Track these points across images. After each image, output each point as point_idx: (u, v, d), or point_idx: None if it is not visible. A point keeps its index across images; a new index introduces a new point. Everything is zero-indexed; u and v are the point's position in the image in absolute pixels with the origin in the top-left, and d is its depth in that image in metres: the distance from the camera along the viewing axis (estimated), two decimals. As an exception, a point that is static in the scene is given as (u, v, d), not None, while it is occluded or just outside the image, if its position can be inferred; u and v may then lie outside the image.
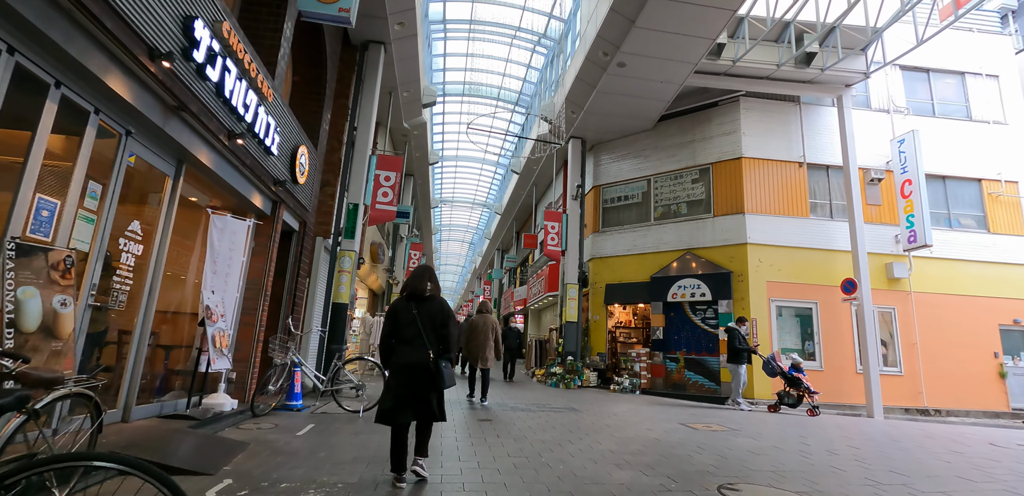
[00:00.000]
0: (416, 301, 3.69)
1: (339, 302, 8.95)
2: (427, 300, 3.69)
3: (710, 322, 11.34)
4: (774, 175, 11.64)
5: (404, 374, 3.52)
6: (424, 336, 3.56)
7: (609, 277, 13.20)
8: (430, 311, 3.65)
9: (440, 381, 3.52)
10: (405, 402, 3.49)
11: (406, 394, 3.49)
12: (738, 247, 11.21)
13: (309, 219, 8.51)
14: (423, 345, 3.54)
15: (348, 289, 9.04)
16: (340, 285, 9.01)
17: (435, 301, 3.72)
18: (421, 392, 3.51)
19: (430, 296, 3.72)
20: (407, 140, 16.60)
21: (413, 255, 19.05)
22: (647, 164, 13.21)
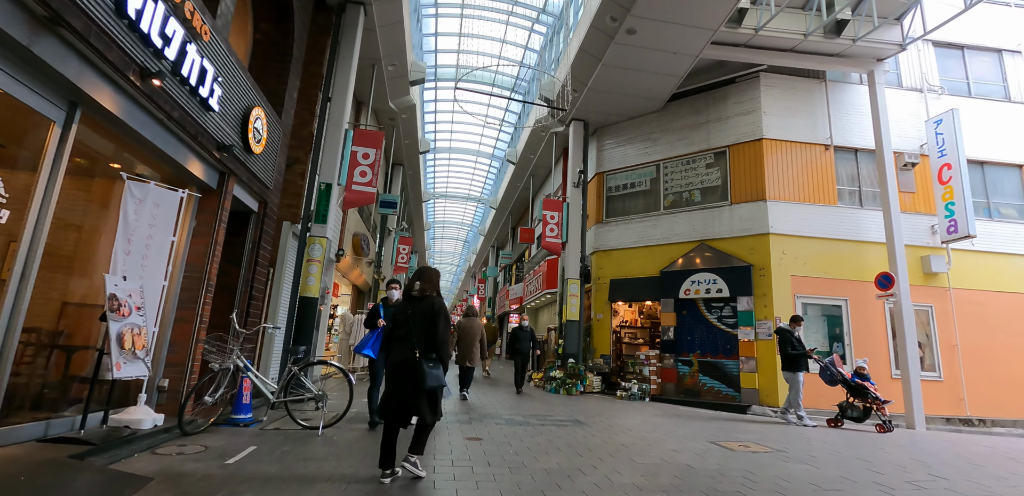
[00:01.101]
0: (411, 301, 3.82)
1: (307, 296, 7.75)
2: (420, 300, 3.80)
3: (728, 321, 10.20)
4: (798, 158, 10.51)
5: (393, 372, 3.67)
6: (414, 335, 3.68)
7: (614, 272, 12.04)
8: (421, 311, 3.75)
9: (422, 379, 3.53)
10: (394, 400, 3.62)
11: (394, 392, 3.62)
12: (759, 238, 10.07)
13: (271, 199, 7.30)
14: (411, 344, 3.66)
15: (318, 281, 7.83)
16: (309, 276, 7.80)
17: (426, 301, 3.79)
18: (407, 390, 3.59)
19: (423, 296, 3.82)
20: (395, 124, 15.39)
21: (402, 250, 17.84)
22: (656, 148, 12.06)
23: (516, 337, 10.81)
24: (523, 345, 10.69)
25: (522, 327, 10.91)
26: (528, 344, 10.74)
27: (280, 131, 7.28)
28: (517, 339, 10.75)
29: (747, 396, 9.54)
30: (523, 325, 10.96)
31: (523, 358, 10.67)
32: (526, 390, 10.76)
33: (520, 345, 10.67)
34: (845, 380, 7.37)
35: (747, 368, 9.66)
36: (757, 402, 9.39)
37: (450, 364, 4.32)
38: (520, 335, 10.78)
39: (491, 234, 29.10)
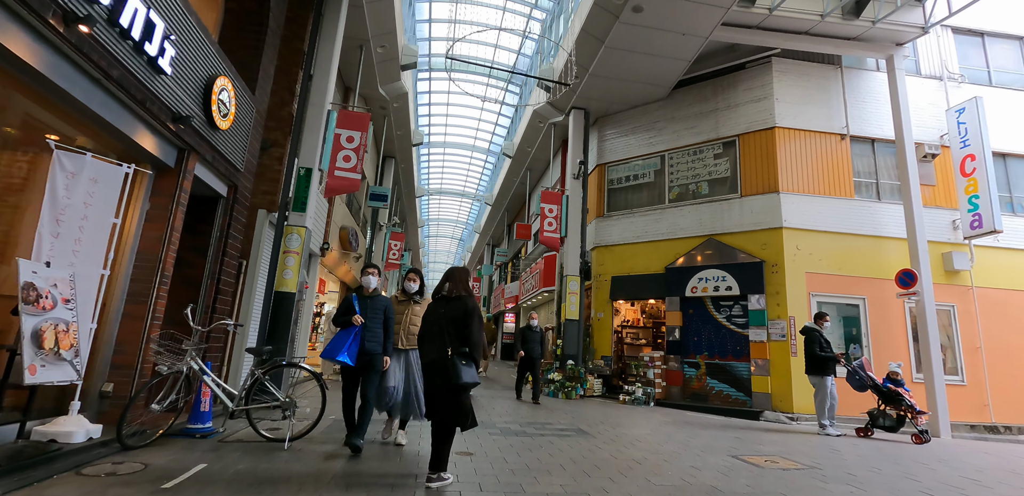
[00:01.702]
0: (442, 301, 3.82)
1: (283, 291, 7.06)
2: (452, 300, 3.79)
3: (738, 321, 9.57)
4: (812, 148, 9.90)
5: (427, 371, 3.66)
6: (445, 335, 3.65)
7: (615, 268, 11.40)
8: (453, 311, 3.73)
9: (454, 377, 3.49)
10: (431, 399, 3.64)
11: (432, 391, 3.64)
12: (771, 232, 9.45)
13: (243, 183, 6.60)
14: (444, 343, 3.63)
15: (296, 275, 7.14)
16: (285, 269, 7.11)
17: (459, 301, 3.77)
18: (439, 390, 3.58)
19: (456, 296, 3.80)
20: (386, 114, 14.71)
21: (393, 246, 17.14)
22: (661, 138, 11.43)
23: (524, 338, 9.26)
24: (532, 348, 9.14)
25: (531, 327, 9.37)
26: (538, 347, 9.18)
27: (253, 108, 6.58)
28: (525, 340, 9.21)
29: (759, 401, 8.91)
30: (532, 324, 9.40)
31: (532, 363, 9.10)
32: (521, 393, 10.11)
33: (530, 347, 9.14)
34: (876, 386, 6.75)
35: (759, 371, 9.03)
36: (769, 407, 8.77)
37: None
38: (529, 336, 9.25)
39: (486, 231, 28.43)
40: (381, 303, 4.64)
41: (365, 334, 4.50)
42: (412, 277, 4.99)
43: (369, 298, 4.65)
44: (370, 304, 4.61)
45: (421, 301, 4.98)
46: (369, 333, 4.50)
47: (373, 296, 4.68)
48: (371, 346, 4.50)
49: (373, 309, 4.58)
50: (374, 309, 4.58)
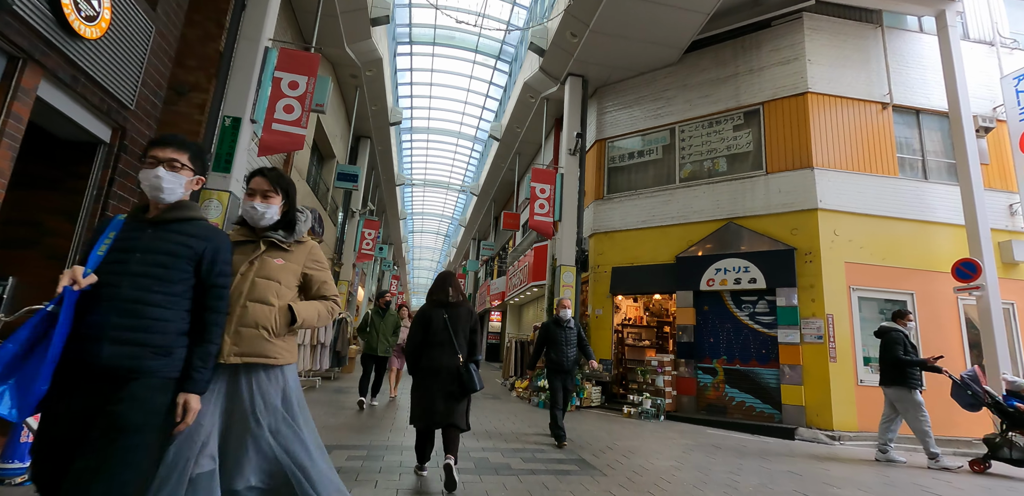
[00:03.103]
0: (446, 307, 3.77)
1: (195, 274, 5.39)
2: (456, 306, 3.78)
3: (763, 319, 8.10)
4: (850, 118, 8.47)
5: (433, 377, 3.59)
6: (455, 341, 3.64)
7: (617, 258, 9.87)
8: (460, 317, 3.73)
9: (470, 384, 3.57)
10: (433, 405, 3.55)
11: (435, 397, 3.56)
12: (804, 215, 7.99)
13: (135, 128, 4.93)
14: (453, 349, 3.62)
15: (214, 253, 5.48)
16: (200, 246, 5.44)
17: (464, 307, 3.81)
18: (449, 395, 3.57)
19: (458, 302, 3.81)
20: (357, 84, 13.03)
21: (367, 234, 15.46)
22: (670, 108, 9.93)
23: (551, 337, 5.78)
24: (564, 353, 5.68)
25: (561, 321, 5.81)
26: (575, 352, 5.79)
27: (152, 29, 4.91)
28: (552, 341, 5.75)
29: (790, 415, 7.44)
30: (564, 317, 5.81)
31: (565, 378, 5.71)
32: (505, 402, 8.53)
33: (560, 353, 5.67)
34: (998, 404, 5.21)
35: (790, 379, 7.56)
36: (804, 423, 7.30)
37: None
38: (558, 335, 5.75)
39: (472, 224, 26.82)
40: None
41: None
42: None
43: None
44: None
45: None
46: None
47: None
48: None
49: None
50: None
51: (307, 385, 9.16)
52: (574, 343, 5.83)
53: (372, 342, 7.06)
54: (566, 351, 5.73)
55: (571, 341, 5.80)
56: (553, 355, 5.73)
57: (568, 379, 5.76)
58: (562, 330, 5.82)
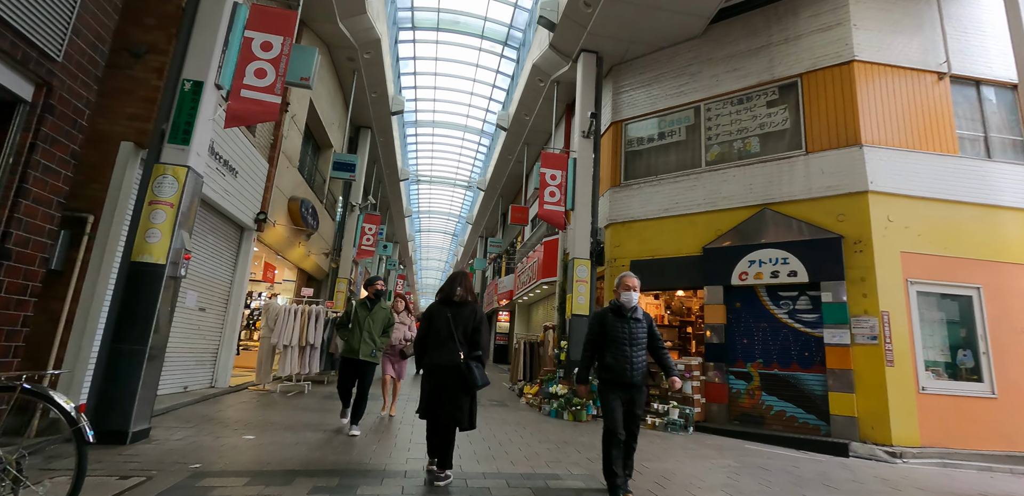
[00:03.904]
0: (451, 305, 3.84)
1: (143, 261, 4.57)
2: (461, 305, 3.84)
3: (805, 318, 7.13)
4: (903, 90, 7.48)
5: (437, 374, 3.68)
6: (456, 339, 3.71)
7: (635, 250, 8.95)
8: (463, 315, 3.79)
9: (473, 379, 3.62)
10: (440, 401, 3.64)
11: (440, 393, 3.65)
12: (853, 198, 7.02)
13: (66, 86, 4.10)
14: (455, 347, 3.69)
15: (167, 238, 4.65)
16: (150, 229, 4.63)
17: (468, 306, 3.85)
18: (453, 392, 3.63)
19: (464, 301, 3.86)
20: (355, 68, 12.23)
21: (367, 230, 14.65)
22: (695, 85, 8.99)
23: (608, 335, 3.78)
24: (628, 359, 3.70)
25: (623, 309, 3.82)
26: (642, 357, 3.77)
27: (86, -34, 4.09)
28: (612, 342, 3.75)
29: (840, 427, 6.47)
30: (626, 303, 3.80)
31: (633, 399, 3.74)
32: (513, 409, 7.62)
33: (620, 358, 3.70)
34: None
35: (839, 385, 6.59)
36: (856, 437, 6.32)
37: None
38: (619, 331, 3.76)
39: (479, 221, 25.97)
40: None
41: None
42: None
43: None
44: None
45: None
46: None
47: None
48: None
49: None
50: None
51: (295, 390, 8.34)
52: (643, 343, 3.75)
53: (353, 342, 5.31)
54: (631, 355, 3.67)
55: (638, 340, 3.72)
56: (611, 360, 3.68)
57: (635, 397, 3.70)
58: (624, 323, 3.74)
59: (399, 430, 5.57)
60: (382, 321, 5.53)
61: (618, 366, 3.67)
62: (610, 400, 3.67)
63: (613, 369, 3.69)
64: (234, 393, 7.74)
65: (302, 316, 8.31)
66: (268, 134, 8.67)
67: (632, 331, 3.74)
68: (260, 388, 8.31)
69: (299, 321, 8.27)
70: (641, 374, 3.71)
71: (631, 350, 3.70)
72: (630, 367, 3.66)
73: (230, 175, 7.23)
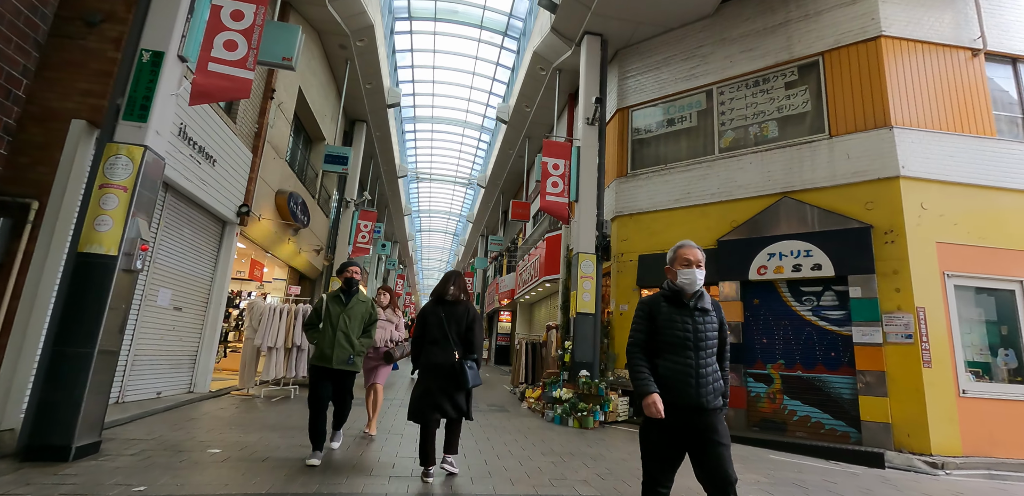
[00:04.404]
0: (444, 304, 3.86)
1: (92, 252, 4.02)
2: (454, 304, 3.86)
3: (831, 315, 6.56)
4: (934, 67, 6.91)
5: (432, 373, 3.69)
6: (450, 338, 3.73)
7: (644, 244, 8.39)
8: (456, 314, 3.81)
9: (464, 380, 3.64)
10: (433, 400, 3.65)
11: (434, 392, 3.65)
12: (882, 185, 6.45)
13: (-5, 48, 3.58)
14: (449, 347, 3.71)
15: (119, 226, 4.11)
16: (100, 216, 4.09)
17: (461, 305, 3.87)
18: (448, 390, 3.66)
19: (457, 300, 3.87)
20: (348, 56, 11.71)
21: (363, 227, 14.11)
22: (706, 67, 8.43)
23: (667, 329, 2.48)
24: (691, 366, 2.40)
25: (685, 295, 2.53)
26: (712, 364, 2.46)
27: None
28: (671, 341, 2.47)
29: (872, 434, 5.89)
30: (689, 286, 2.51)
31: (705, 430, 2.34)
32: (514, 414, 7.06)
33: (684, 364, 2.41)
34: None
35: (869, 389, 6.02)
36: (891, 445, 5.75)
37: None
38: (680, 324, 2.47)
39: (480, 219, 25.44)
40: None
41: None
42: None
43: None
44: None
45: None
46: None
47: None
48: None
49: None
50: None
51: (280, 395, 7.79)
52: (713, 345, 2.48)
53: (324, 346, 4.14)
54: (697, 360, 2.41)
55: (707, 340, 2.46)
56: (670, 364, 2.43)
57: (711, 423, 2.35)
58: (686, 315, 2.49)
59: (384, 443, 5.01)
60: (361, 318, 4.33)
61: (680, 378, 2.38)
62: (655, 432, 2.40)
63: (674, 378, 2.39)
64: (214, 399, 7.20)
65: (288, 316, 7.77)
66: (251, 122, 8.14)
67: (699, 327, 2.45)
68: (244, 393, 7.77)
69: (285, 321, 7.72)
70: (711, 391, 2.38)
71: (697, 355, 2.41)
72: (696, 381, 2.36)
73: (207, 163, 6.70)
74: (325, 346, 4.14)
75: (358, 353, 4.26)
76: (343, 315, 4.24)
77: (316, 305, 4.41)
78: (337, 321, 4.20)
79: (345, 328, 4.20)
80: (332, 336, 4.16)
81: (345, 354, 4.16)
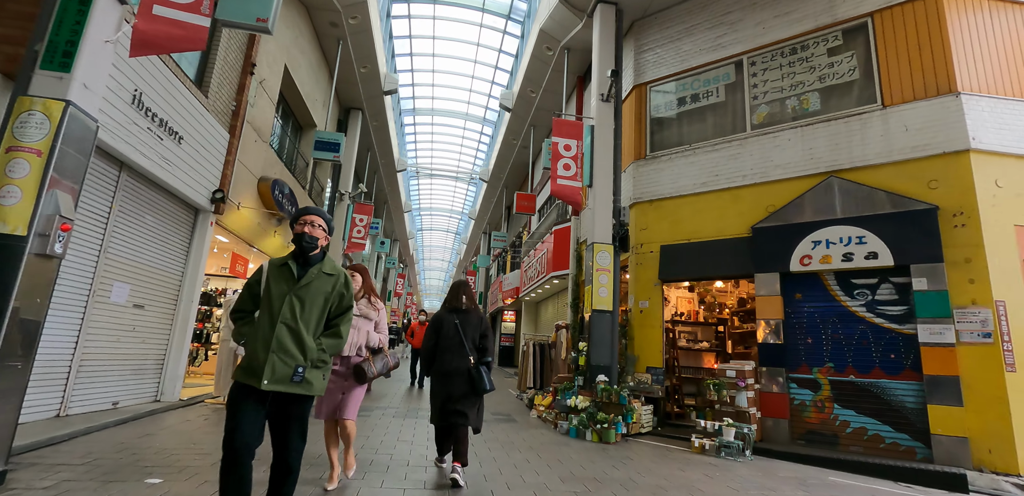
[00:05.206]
0: (457, 313, 3.97)
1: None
2: (467, 312, 3.98)
3: (890, 311, 5.68)
4: (1005, 25, 6.04)
5: (448, 379, 3.78)
6: (466, 345, 3.84)
7: (666, 233, 7.53)
8: (471, 323, 3.93)
9: (480, 385, 3.74)
10: (450, 405, 3.74)
11: (450, 397, 3.75)
12: (948, 159, 5.57)
13: None
14: (465, 353, 3.82)
15: (29, 201, 3.26)
16: (4, 186, 3.24)
17: (474, 313, 4.01)
18: (463, 395, 3.74)
19: (469, 309, 4.00)
20: (340, 36, 10.87)
21: (359, 221, 13.28)
22: (735, 36, 7.57)
23: None
24: None
25: None
26: None
27: None
28: None
29: (944, 451, 5.01)
30: None
31: None
32: (522, 425, 6.19)
33: None
34: None
35: (941, 397, 5.14)
36: (968, 463, 4.88)
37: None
38: None
39: (483, 216, 24.58)
40: None
41: None
42: None
43: None
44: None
45: None
46: None
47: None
48: None
49: None
50: None
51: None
52: None
53: (257, 348, 2.35)
54: None
55: None
56: None
57: None
58: None
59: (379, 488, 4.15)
60: (324, 302, 2.53)
61: None
62: None
63: None
64: (184, 408, 6.36)
65: (269, 314, 6.91)
66: (227, 98, 7.30)
67: None
68: (219, 401, 6.93)
69: (265, 320, 6.87)
70: None
71: None
72: None
73: (171, 140, 5.85)
74: (258, 349, 2.32)
75: (315, 363, 2.42)
76: (291, 297, 2.41)
77: (251, 278, 2.56)
78: (280, 307, 2.38)
79: (292, 319, 2.38)
80: (269, 332, 2.34)
81: (289, 365, 2.32)
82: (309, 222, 2.55)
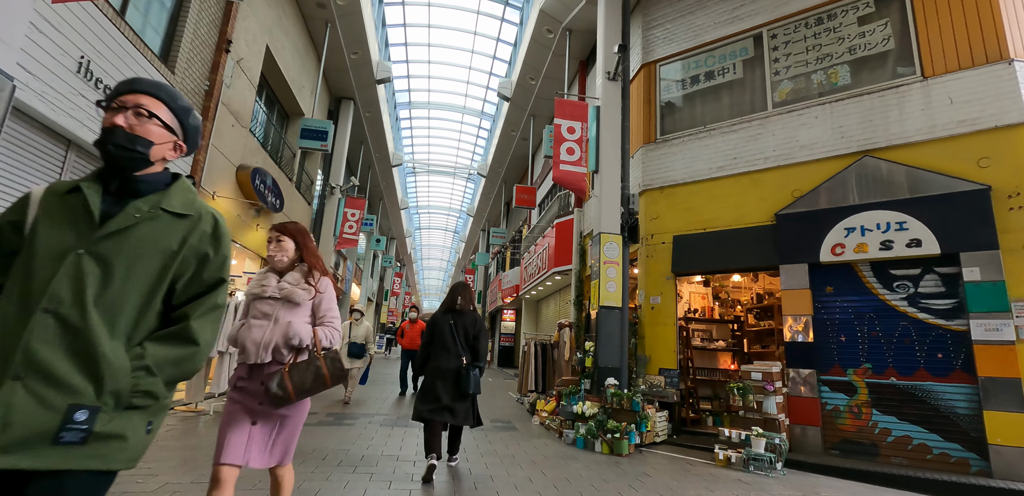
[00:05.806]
0: (453, 313, 4.04)
1: None
2: (463, 313, 4.04)
3: (935, 305, 5.07)
4: (1059, -13, 5.41)
5: (437, 378, 3.86)
6: (459, 344, 3.92)
7: (679, 222, 6.91)
8: (465, 323, 4.00)
9: (465, 386, 3.79)
10: (437, 403, 3.78)
11: (438, 396, 3.79)
12: (1002, 134, 4.96)
13: None
14: (458, 353, 3.89)
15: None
16: None
17: (469, 315, 4.05)
18: (452, 395, 3.81)
19: (464, 310, 4.06)
20: (328, 18, 10.25)
21: (350, 215, 12.65)
22: (753, 6, 6.95)
23: None
24: None
25: None
26: None
27: None
28: None
29: (1005, 463, 4.39)
30: None
31: None
32: (524, 433, 5.57)
33: None
34: None
35: (998, 401, 4.52)
36: (1035, 479, 4.25)
37: None
38: None
39: (481, 212, 23.97)
40: None
41: None
42: None
43: None
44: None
45: None
46: None
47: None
48: None
49: None
50: None
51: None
52: None
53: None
54: None
55: None
56: None
57: None
58: None
59: None
60: (155, 272, 1.20)
61: None
62: None
63: None
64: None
65: (244, 312, 6.29)
66: (199, 76, 6.68)
67: None
68: (190, 408, 6.30)
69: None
70: None
71: None
72: None
73: (128, 117, 5.22)
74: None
75: (128, 398, 1.12)
76: (80, 257, 1.13)
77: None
78: (49, 278, 1.11)
79: (74, 304, 1.10)
80: (15, 331, 1.07)
81: (53, 404, 1.03)
82: (132, 105, 1.23)
